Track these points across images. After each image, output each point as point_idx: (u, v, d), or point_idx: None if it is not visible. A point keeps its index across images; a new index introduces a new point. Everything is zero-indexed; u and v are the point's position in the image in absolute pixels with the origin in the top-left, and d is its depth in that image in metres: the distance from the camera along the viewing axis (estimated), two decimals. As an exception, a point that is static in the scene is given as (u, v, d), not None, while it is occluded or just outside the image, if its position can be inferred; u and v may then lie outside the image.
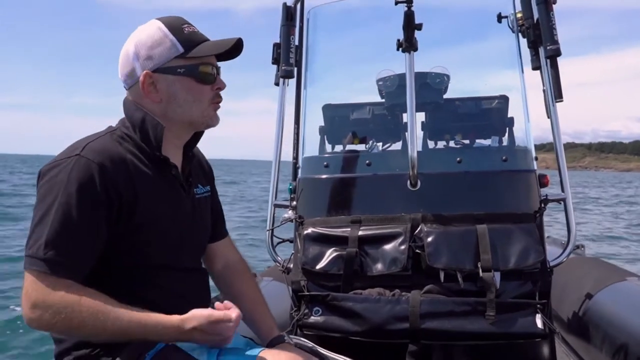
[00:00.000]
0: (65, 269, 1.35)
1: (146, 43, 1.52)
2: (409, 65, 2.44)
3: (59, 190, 1.37)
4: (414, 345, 2.15)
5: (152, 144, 1.53)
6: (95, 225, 1.40)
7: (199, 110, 1.56)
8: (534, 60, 2.74)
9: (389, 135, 3.07)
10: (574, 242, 2.54)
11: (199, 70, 1.53)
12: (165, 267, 1.54)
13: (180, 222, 1.58)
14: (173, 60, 1.51)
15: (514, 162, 2.53)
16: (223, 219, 1.91)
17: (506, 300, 2.17)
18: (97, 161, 1.41)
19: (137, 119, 1.54)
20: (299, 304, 2.32)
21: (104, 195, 1.40)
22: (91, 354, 1.45)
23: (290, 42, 2.92)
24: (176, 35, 1.51)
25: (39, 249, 1.34)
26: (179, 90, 1.53)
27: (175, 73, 1.51)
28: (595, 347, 2.68)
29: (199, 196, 1.70)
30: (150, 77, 1.51)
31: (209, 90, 1.56)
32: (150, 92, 1.53)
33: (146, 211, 1.48)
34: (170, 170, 1.57)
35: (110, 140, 1.51)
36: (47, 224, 1.35)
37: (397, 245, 2.28)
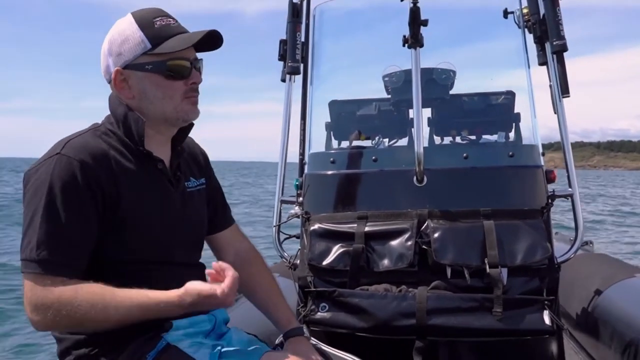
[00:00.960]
0: (59, 267, 1.35)
1: (117, 39, 1.50)
2: (415, 61, 2.44)
3: (44, 192, 1.37)
4: (421, 342, 2.14)
5: (135, 139, 1.51)
6: (84, 221, 1.40)
7: (171, 106, 1.52)
8: (540, 56, 2.73)
9: (395, 131, 3.06)
10: (582, 238, 2.53)
11: (167, 66, 1.49)
12: (158, 263, 1.53)
13: (169, 217, 1.56)
14: (141, 56, 1.49)
15: (521, 158, 2.52)
16: (226, 206, 1.87)
17: (513, 297, 2.16)
18: (77, 158, 1.40)
19: (120, 114, 1.53)
20: (306, 300, 2.32)
21: (88, 191, 1.39)
22: (90, 354, 1.45)
23: (297, 38, 2.92)
24: (145, 30, 1.48)
25: (31, 252, 1.35)
26: (148, 87, 1.51)
27: (144, 69, 1.49)
28: (604, 344, 2.67)
29: (190, 189, 1.67)
30: (121, 73, 1.51)
31: (180, 85, 1.52)
32: (122, 88, 1.52)
33: (131, 206, 1.47)
34: (155, 164, 1.55)
35: (91, 136, 1.50)
36: (36, 226, 1.36)
37: (404, 241, 2.28)
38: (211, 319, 1.64)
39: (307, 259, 2.37)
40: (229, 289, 1.36)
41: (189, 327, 1.54)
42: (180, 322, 1.51)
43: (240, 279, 1.77)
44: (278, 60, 2.98)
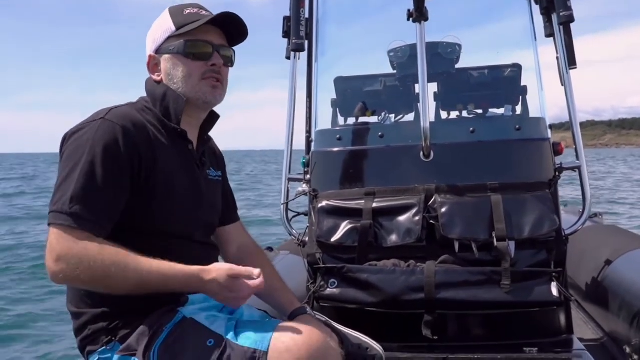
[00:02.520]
0: (90, 222, 1.38)
1: (154, 28, 1.65)
2: (420, 36, 2.42)
3: (85, 150, 1.42)
4: (430, 316, 2.16)
5: (172, 117, 1.59)
6: (120, 183, 1.44)
7: (190, 86, 1.60)
8: (547, 28, 2.70)
9: (402, 106, 3.05)
10: (589, 210, 2.53)
11: (187, 46, 1.58)
12: (180, 237, 1.58)
13: (196, 195, 1.63)
14: (168, 40, 1.61)
15: (528, 131, 2.51)
16: (235, 204, 1.95)
17: (521, 269, 2.17)
18: (120, 124, 1.46)
19: (159, 93, 1.61)
20: (315, 277, 2.34)
21: (127, 156, 1.45)
22: (108, 327, 1.48)
23: (300, 15, 2.89)
24: (173, 16, 1.60)
25: (64, 204, 1.38)
26: (172, 68, 1.61)
27: (169, 52, 1.61)
28: (613, 314, 2.68)
29: (211, 178, 1.75)
30: (153, 58, 1.64)
31: (200, 66, 1.59)
32: (154, 71, 1.64)
33: (163, 178, 1.52)
34: (187, 145, 1.63)
35: (132, 109, 1.57)
36: (72, 181, 1.39)
37: (411, 217, 2.29)
38: None
39: (315, 236, 2.39)
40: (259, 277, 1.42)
41: (204, 301, 1.57)
42: (196, 296, 1.55)
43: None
44: (282, 37, 2.96)
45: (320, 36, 3.08)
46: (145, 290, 1.40)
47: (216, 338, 1.43)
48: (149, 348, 1.42)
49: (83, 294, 1.51)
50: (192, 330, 1.45)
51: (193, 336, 1.44)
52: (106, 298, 1.48)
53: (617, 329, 2.63)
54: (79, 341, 1.53)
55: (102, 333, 1.48)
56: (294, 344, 1.40)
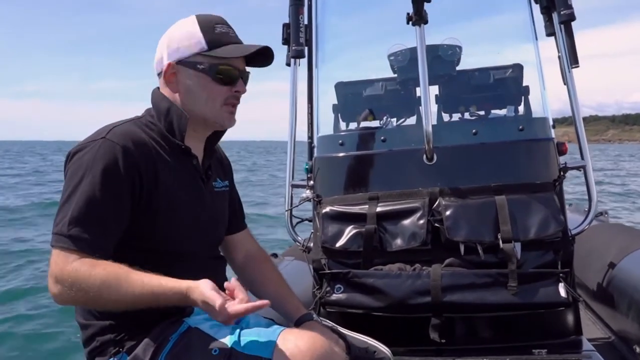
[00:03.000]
0: (87, 245, 1.38)
1: (177, 35, 1.57)
2: (420, 39, 2.42)
3: (85, 171, 1.42)
4: (437, 319, 2.16)
5: (176, 134, 1.57)
6: (119, 205, 1.43)
7: (211, 109, 1.59)
8: (548, 27, 2.70)
9: (403, 110, 3.04)
10: (595, 209, 2.52)
11: (218, 69, 1.55)
12: (184, 254, 1.57)
13: (198, 212, 1.61)
14: (196, 55, 1.55)
15: (531, 131, 2.50)
16: (242, 212, 1.94)
17: (528, 271, 2.16)
18: (121, 144, 1.45)
19: (163, 108, 1.59)
20: (321, 282, 2.34)
21: (127, 176, 1.44)
22: (116, 339, 1.49)
23: (300, 21, 2.90)
24: (205, 32, 1.55)
25: (63, 226, 1.38)
26: (195, 86, 1.57)
27: (195, 68, 1.55)
28: (622, 314, 2.66)
29: (217, 189, 1.73)
30: (172, 67, 1.57)
31: (225, 91, 1.58)
32: (170, 81, 1.58)
33: (165, 196, 1.51)
34: (191, 160, 1.62)
35: (134, 125, 1.56)
36: (72, 203, 1.40)
37: (416, 220, 2.28)
38: None
39: (320, 242, 2.38)
40: (232, 309, 1.33)
41: None
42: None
43: (251, 276, 1.84)
44: (282, 45, 2.96)
45: (320, 42, 3.08)
46: (139, 307, 1.40)
47: (221, 347, 1.43)
48: (155, 358, 1.43)
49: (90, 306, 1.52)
50: (197, 340, 1.45)
51: (198, 345, 1.44)
52: (112, 311, 1.48)
53: (626, 328, 2.61)
54: (87, 352, 1.54)
55: (110, 344, 1.49)
56: (298, 351, 1.39)
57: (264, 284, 1.84)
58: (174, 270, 1.51)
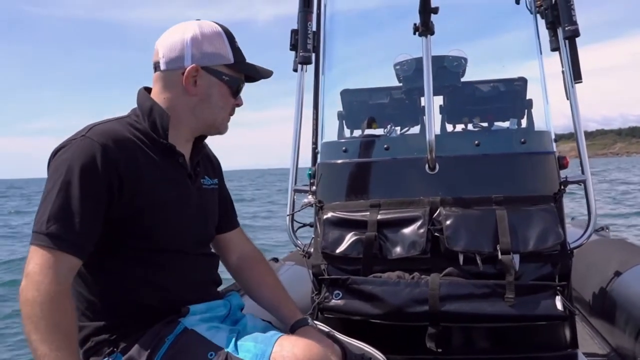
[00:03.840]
0: (66, 243, 1.38)
1: (206, 39, 1.59)
2: (426, 49, 2.43)
3: (63, 170, 1.42)
4: (434, 328, 2.16)
5: (159, 132, 1.57)
6: (96, 203, 1.43)
7: (221, 116, 1.66)
8: (553, 42, 2.72)
9: (407, 119, 3.07)
10: (595, 223, 2.53)
11: (238, 85, 1.65)
12: (174, 252, 1.57)
13: (186, 209, 1.62)
14: (222, 66, 1.61)
15: (533, 145, 2.51)
16: (233, 211, 1.94)
17: (525, 283, 2.17)
18: (100, 142, 1.45)
19: (146, 107, 1.59)
20: (320, 288, 2.35)
21: (105, 174, 1.43)
22: (110, 339, 1.49)
23: (308, 28, 2.92)
24: (231, 45, 1.62)
25: (42, 225, 1.38)
26: (216, 94, 1.62)
27: (220, 78, 1.61)
28: (619, 329, 2.67)
29: (205, 187, 1.74)
30: (197, 71, 1.57)
31: (232, 103, 1.67)
32: (189, 83, 1.58)
33: (150, 194, 1.51)
34: (177, 158, 1.61)
35: (117, 124, 1.56)
36: (50, 201, 1.39)
37: (416, 229, 2.29)
38: (226, 304, 1.69)
39: (320, 247, 2.39)
40: None
41: (206, 312, 1.59)
42: (197, 307, 1.56)
43: (246, 278, 1.86)
44: (290, 50, 2.99)
45: (328, 49, 3.10)
46: None
47: (217, 351, 1.44)
48: (150, 359, 1.43)
49: (85, 308, 1.53)
50: (193, 343, 1.46)
51: (194, 348, 1.45)
52: (107, 312, 1.51)
53: (623, 343, 2.62)
54: (82, 352, 1.54)
55: (105, 344, 1.50)
56: (294, 358, 1.41)
57: (260, 287, 1.85)
58: (166, 267, 1.54)
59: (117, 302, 1.51)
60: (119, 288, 1.51)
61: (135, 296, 1.51)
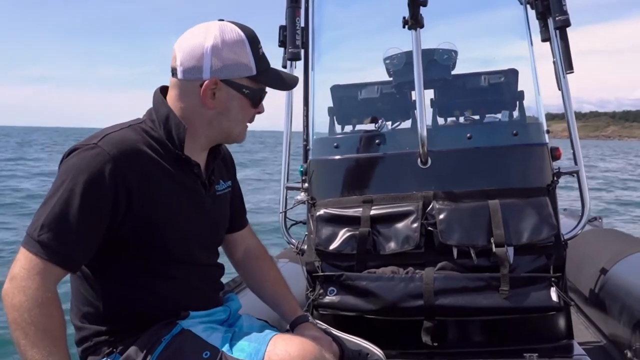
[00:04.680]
0: (57, 255, 1.34)
1: (227, 48, 1.48)
2: (416, 43, 2.43)
3: (68, 176, 1.38)
4: (429, 322, 2.16)
5: (175, 143, 1.52)
6: (95, 219, 1.38)
7: (239, 128, 1.59)
8: (543, 32, 2.71)
9: (398, 113, 3.05)
10: (588, 214, 2.53)
11: (260, 97, 1.57)
12: (181, 262, 1.55)
13: (198, 220, 1.58)
14: (244, 79, 1.51)
15: (525, 136, 2.51)
16: (244, 209, 1.91)
17: (520, 275, 2.17)
18: (111, 153, 1.39)
19: (162, 115, 1.53)
20: (314, 285, 2.34)
21: (112, 189, 1.39)
22: (109, 340, 1.48)
23: (296, 24, 2.90)
24: (255, 55, 1.51)
25: (35, 230, 1.34)
26: (236, 108, 1.54)
27: (241, 92, 1.52)
28: (614, 318, 2.68)
29: (219, 193, 1.69)
30: (215, 84, 1.49)
31: (252, 113, 1.60)
32: (207, 96, 1.50)
33: (163, 206, 1.47)
34: (192, 168, 1.56)
35: (132, 132, 1.49)
36: (48, 207, 1.35)
37: (410, 224, 2.29)
38: (226, 310, 1.68)
39: (314, 244, 2.39)
40: None
41: (205, 317, 1.58)
42: (197, 313, 1.55)
43: (249, 272, 1.84)
44: (278, 47, 2.96)
45: (317, 45, 3.09)
46: None
47: (212, 350, 1.43)
48: (146, 359, 1.42)
49: (86, 310, 1.51)
50: (189, 342, 1.45)
51: (189, 348, 1.44)
52: (108, 316, 1.49)
53: (618, 333, 2.63)
54: (80, 351, 1.54)
55: (104, 344, 1.49)
56: (288, 357, 1.39)
57: (262, 282, 1.83)
58: (171, 278, 1.52)
59: (119, 308, 1.49)
60: (121, 295, 1.49)
61: (137, 304, 1.50)
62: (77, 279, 1.51)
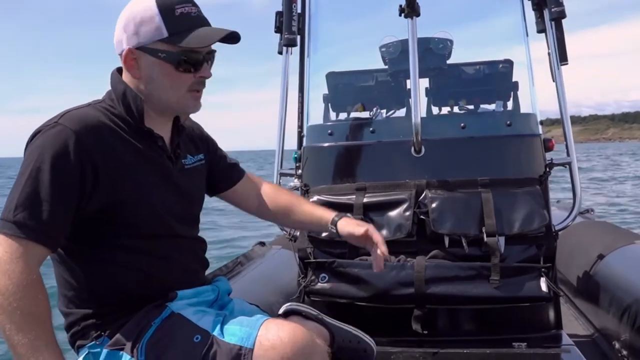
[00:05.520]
0: (34, 232, 1.34)
1: (136, 18, 1.46)
2: (412, 31, 2.42)
3: (34, 156, 1.38)
4: (420, 310, 2.18)
5: (135, 116, 1.51)
6: (67, 191, 1.38)
7: (175, 97, 1.52)
8: (539, 23, 2.71)
9: (393, 101, 3.05)
10: (579, 206, 2.54)
11: (180, 59, 1.47)
12: (157, 237, 1.54)
13: (168, 192, 1.57)
14: (156, 42, 1.46)
15: (519, 127, 2.52)
16: (234, 164, 1.91)
17: (510, 265, 2.18)
18: (73, 129, 1.40)
19: (120, 91, 1.53)
20: (306, 271, 2.35)
21: (78, 163, 1.39)
22: (97, 323, 1.48)
23: (293, 10, 2.89)
24: (165, 17, 1.45)
25: (9, 212, 1.34)
26: (157, 74, 1.49)
27: (156, 56, 1.47)
28: (603, 310, 2.70)
29: (188, 166, 1.68)
30: (132, 53, 1.48)
31: (189, 78, 1.51)
32: (132, 67, 1.50)
33: (130, 180, 1.47)
34: (155, 141, 1.55)
35: (92, 110, 1.50)
36: (19, 189, 1.35)
37: (402, 212, 2.29)
38: (214, 290, 1.68)
39: (306, 231, 2.39)
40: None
41: (193, 297, 1.58)
42: (184, 292, 1.55)
43: (273, 211, 1.90)
44: (275, 33, 2.95)
45: (313, 31, 3.07)
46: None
47: (203, 334, 1.42)
48: (136, 343, 1.42)
49: (71, 295, 1.51)
50: (179, 326, 1.45)
51: (180, 332, 1.43)
52: (94, 299, 1.49)
53: (607, 324, 2.65)
54: (69, 336, 1.53)
55: (92, 328, 1.48)
56: (280, 342, 1.39)
57: (292, 209, 1.89)
58: (150, 253, 1.51)
59: (103, 289, 1.49)
60: (103, 275, 1.48)
61: (120, 283, 1.49)
62: (59, 264, 1.51)
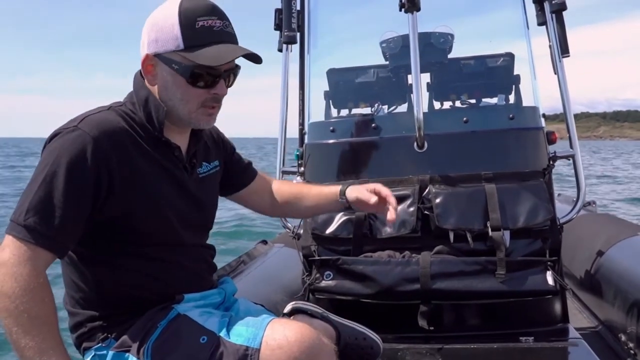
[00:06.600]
0: (44, 239, 1.32)
1: (158, 24, 1.45)
2: (412, 26, 2.41)
3: (50, 161, 1.36)
4: (425, 306, 2.17)
5: (155, 125, 1.49)
6: (80, 198, 1.36)
7: (186, 110, 1.49)
8: (540, 16, 2.70)
9: (395, 97, 3.04)
10: (584, 198, 2.53)
11: (192, 73, 1.44)
12: (169, 245, 1.53)
13: (182, 202, 1.56)
14: (173, 52, 1.43)
15: (521, 120, 2.51)
16: (248, 165, 1.92)
17: (516, 259, 2.18)
18: (92, 134, 1.38)
19: (142, 97, 1.51)
20: (310, 269, 2.34)
21: (94, 170, 1.37)
22: (104, 325, 1.47)
23: (292, 7, 2.87)
24: (184, 28, 1.41)
25: (20, 215, 1.32)
26: (171, 85, 1.47)
27: (171, 67, 1.45)
28: (608, 303, 2.69)
29: (203, 175, 1.66)
30: (150, 59, 1.47)
31: (201, 93, 1.47)
32: (149, 73, 1.49)
33: (145, 188, 1.45)
34: (172, 151, 1.54)
35: (112, 114, 1.47)
36: (32, 192, 1.34)
37: (406, 208, 2.28)
38: (221, 293, 1.67)
39: (310, 228, 2.39)
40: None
41: (200, 299, 1.57)
42: (191, 295, 1.54)
43: (287, 205, 1.93)
44: (274, 30, 2.94)
45: (312, 28, 3.06)
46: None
47: (209, 335, 1.42)
48: (142, 344, 1.41)
49: (79, 297, 1.50)
50: (185, 327, 1.44)
51: (186, 333, 1.43)
52: (101, 302, 1.48)
53: (612, 317, 2.64)
54: (74, 338, 1.52)
55: (98, 330, 1.48)
56: (286, 342, 1.38)
57: (302, 197, 1.92)
58: (160, 260, 1.50)
59: (111, 293, 1.48)
60: (112, 280, 1.48)
61: (129, 288, 1.48)
62: (68, 265, 1.50)
